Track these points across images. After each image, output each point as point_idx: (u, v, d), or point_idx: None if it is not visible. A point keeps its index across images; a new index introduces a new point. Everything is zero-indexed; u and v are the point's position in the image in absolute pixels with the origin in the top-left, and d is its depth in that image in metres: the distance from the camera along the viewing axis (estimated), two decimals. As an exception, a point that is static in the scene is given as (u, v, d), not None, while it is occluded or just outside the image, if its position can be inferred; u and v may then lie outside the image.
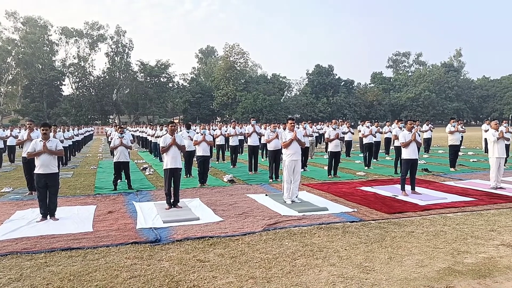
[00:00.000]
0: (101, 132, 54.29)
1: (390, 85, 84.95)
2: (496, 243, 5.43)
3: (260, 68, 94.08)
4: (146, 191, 9.87)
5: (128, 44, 69.51)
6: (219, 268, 4.60)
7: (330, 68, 75.37)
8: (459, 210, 7.40)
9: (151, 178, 12.20)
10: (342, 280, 4.21)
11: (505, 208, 7.52)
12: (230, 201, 8.48)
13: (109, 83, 67.77)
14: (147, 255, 5.08)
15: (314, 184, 10.60)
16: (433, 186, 10.07)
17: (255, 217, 6.96)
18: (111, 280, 4.29)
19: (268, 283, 4.15)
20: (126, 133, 10.87)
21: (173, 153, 7.95)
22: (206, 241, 5.62)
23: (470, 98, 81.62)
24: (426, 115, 72.03)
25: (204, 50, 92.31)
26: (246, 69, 75.88)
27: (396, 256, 4.96)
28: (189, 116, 67.79)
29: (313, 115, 67.64)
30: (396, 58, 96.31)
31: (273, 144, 11.16)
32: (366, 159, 14.18)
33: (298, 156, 8.39)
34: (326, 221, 6.68)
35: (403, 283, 4.14)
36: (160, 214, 7.20)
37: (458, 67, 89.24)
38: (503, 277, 4.27)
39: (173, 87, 71.86)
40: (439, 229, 6.12)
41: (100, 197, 9.22)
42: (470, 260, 4.78)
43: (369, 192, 9.36)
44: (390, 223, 6.57)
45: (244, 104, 65.17)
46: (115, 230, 6.27)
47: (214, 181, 11.25)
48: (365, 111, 73.52)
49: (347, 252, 5.13)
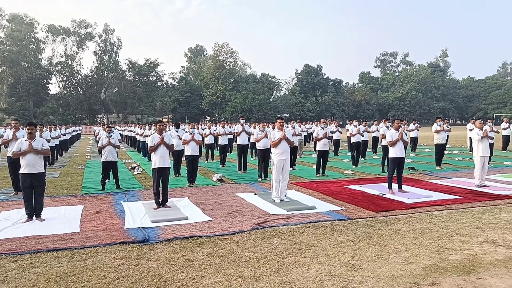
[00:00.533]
0: (89, 131, 53.68)
1: (378, 84, 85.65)
2: (480, 240, 5.54)
3: (249, 67, 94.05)
4: (135, 191, 9.81)
5: (116, 42, 68.89)
6: (208, 267, 4.61)
7: (318, 68, 75.65)
8: (445, 208, 7.52)
9: (140, 178, 12.13)
10: (330, 278, 4.25)
11: (489, 206, 7.66)
12: (219, 200, 8.48)
13: (97, 82, 67.03)
14: (135, 255, 5.05)
15: (303, 183, 10.66)
16: (419, 184, 10.21)
17: (244, 216, 6.97)
18: (98, 280, 4.26)
19: (257, 282, 4.17)
20: (114, 133, 10.79)
21: (161, 153, 7.92)
22: (195, 241, 5.62)
23: (456, 98, 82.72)
24: (413, 115, 72.79)
25: (193, 49, 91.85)
26: (236, 68, 75.73)
27: (383, 253, 5.02)
28: (178, 115, 67.45)
29: (302, 114, 67.85)
30: (384, 58, 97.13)
31: (262, 143, 11.19)
32: (354, 158, 14.29)
33: (287, 155, 8.43)
34: (314, 219, 6.72)
35: (389, 280, 4.19)
36: (149, 214, 7.16)
37: (444, 67, 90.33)
38: (487, 273, 4.35)
39: (162, 86, 71.42)
40: (425, 227, 6.21)
41: (88, 197, 9.14)
42: (455, 257, 4.86)
43: (356, 190, 9.44)
44: (377, 221, 6.64)
45: (234, 104, 65.08)
46: (103, 230, 6.22)
47: (203, 181, 11.23)
48: (353, 110, 74.01)
49: (335, 250, 5.18)
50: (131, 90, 66.19)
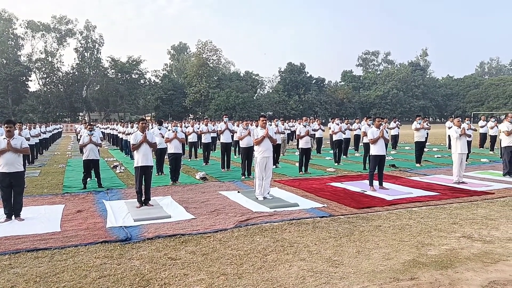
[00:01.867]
0: (70, 129, 52.71)
1: (360, 83, 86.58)
2: (458, 235, 5.68)
3: (233, 65, 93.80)
4: (117, 190, 9.71)
5: (98, 39, 67.82)
6: (190, 265, 4.61)
7: (302, 66, 76.00)
8: (424, 204, 7.68)
9: (122, 176, 12.01)
10: (312, 274, 4.31)
11: (466, 202, 7.85)
12: (202, 198, 8.47)
13: (79, 80, 65.89)
14: (117, 254, 5.02)
15: (286, 181, 10.73)
16: (399, 181, 10.39)
17: (227, 214, 6.99)
18: (79, 280, 4.22)
19: (239, 279, 4.19)
20: (95, 131, 10.65)
21: (144, 151, 7.86)
22: (178, 239, 5.61)
23: (435, 96, 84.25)
24: (394, 113, 73.83)
25: (176, 47, 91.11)
26: (219, 66, 75.48)
27: (364, 249, 5.11)
28: (161, 113, 66.86)
29: (286, 112, 68.11)
30: (366, 57, 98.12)
31: (246, 141, 11.21)
32: (336, 155, 14.44)
33: (270, 153, 8.48)
34: (297, 216, 6.78)
35: (370, 275, 4.27)
36: (131, 213, 7.11)
37: (424, 66, 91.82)
38: (463, 267, 4.48)
39: (144, 83, 70.61)
40: (405, 223, 6.33)
41: (69, 196, 9.01)
42: (434, 252, 4.98)
43: (338, 187, 9.55)
44: (359, 217, 6.74)
45: (217, 101, 64.86)
46: (84, 229, 6.15)
47: (186, 179, 11.19)
48: (336, 108, 74.62)
49: (317, 246, 5.24)
50: (113, 87, 65.26)
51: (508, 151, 10.88)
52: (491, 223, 6.29)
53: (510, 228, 6.00)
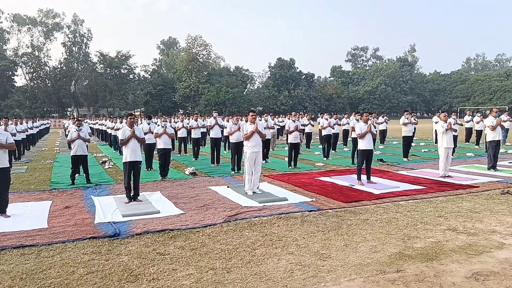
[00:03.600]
0: (58, 125, 52.14)
1: (349, 78, 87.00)
2: (443, 228, 5.78)
3: (223, 60, 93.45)
4: (106, 185, 9.66)
5: (86, 34, 67.04)
6: (179, 260, 4.62)
7: (291, 62, 76.02)
8: (411, 198, 7.79)
9: (111, 172, 11.94)
10: (300, 268, 4.35)
11: (452, 195, 7.98)
12: (192, 193, 8.47)
13: (67, 74, 64.98)
14: (105, 249, 5.00)
15: (275, 175, 10.77)
16: (387, 175, 10.51)
17: (216, 209, 7.00)
18: (66, 277, 4.20)
19: (228, 274, 4.21)
20: (84, 126, 10.55)
21: (132, 146, 7.82)
22: (167, 234, 5.61)
23: (423, 92, 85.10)
24: (382, 108, 74.40)
25: (166, 42, 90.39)
26: (209, 61, 75.10)
27: (352, 243, 5.17)
28: (151, 109, 66.40)
29: (275, 107, 68.15)
30: (355, 53, 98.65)
31: (235, 137, 11.21)
32: (324, 150, 14.53)
33: (259, 148, 8.50)
34: (285, 211, 6.83)
35: (357, 268, 4.33)
36: (120, 208, 7.09)
37: (412, 61, 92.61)
38: (448, 259, 4.56)
39: (134, 78, 69.95)
40: (392, 216, 6.42)
41: (57, 192, 8.93)
42: (419, 245, 5.06)
43: (327, 182, 9.63)
44: (347, 211, 6.81)
45: (207, 97, 64.62)
46: (72, 225, 6.12)
47: (175, 174, 11.16)
48: (325, 104, 74.90)
49: (305, 240, 5.29)
50: (102, 82, 64.53)
51: (493, 146, 11.06)
52: (476, 216, 6.41)
53: (494, 220, 6.12)
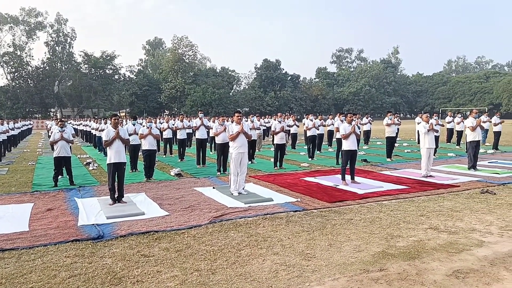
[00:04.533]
0: (41, 126, 51.24)
1: (334, 80, 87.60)
2: (425, 227, 5.88)
3: (209, 61, 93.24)
4: (89, 187, 9.54)
5: (70, 33, 65.99)
6: (164, 262, 4.60)
7: (277, 63, 76.16)
8: (394, 197, 7.90)
9: (95, 173, 11.80)
10: (285, 268, 4.38)
11: (433, 195, 8.13)
12: (177, 195, 8.43)
13: (50, 75, 63.88)
14: (88, 252, 4.95)
15: (261, 176, 10.80)
16: (371, 175, 10.64)
17: (201, 210, 6.99)
18: (48, 280, 4.13)
19: (213, 275, 4.21)
20: (67, 127, 10.42)
21: (116, 147, 7.76)
22: (151, 236, 5.58)
23: (406, 93, 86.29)
24: (366, 109, 75.15)
25: (151, 42, 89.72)
26: (195, 61, 74.71)
27: (336, 242, 5.22)
28: (136, 109, 65.77)
29: (262, 108, 68.19)
30: (340, 54, 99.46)
31: (221, 137, 11.19)
32: (310, 151, 14.63)
33: (244, 149, 8.51)
34: (271, 211, 6.86)
35: (341, 268, 4.38)
36: (104, 210, 7.01)
37: (395, 63, 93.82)
38: (430, 257, 4.65)
39: (119, 79, 69.20)
40: (375, 216, 6.51)
41: (39, 194, 8.79)
42: (402, 244, 5.14)
43: (312, 182, 9.70)
44: (331, 211, 6.88)
45: (193, 97, 64.29)
46: (54, 228, 6.03)
47: (160, 175, 11.09)
48: (311, 105, 75.25)
49: (290, 240, 5.32)
50: (87, 83, 63.69)
51: (473, 146, 11.29)
52: (456, 214, 6.54)
53: (474, 219, 6.26)
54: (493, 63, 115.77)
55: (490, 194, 7.97)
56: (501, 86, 72.76)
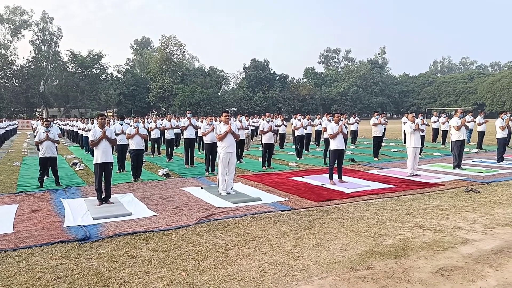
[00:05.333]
0: (26, 126, 50.45)
1: (322, 80, 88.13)
2: (411, 225, 5.96)
3: (197, 60, 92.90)
4: (76, 187, 9.44)
5: (56, 32, 65.21)
6: (151, 263, 4.58)
7: (266, 63, 76.26)
8: (380, 196, 7.98)
9: (82, 174, 11.67)
10: (273, 267, 4.39)
11: (419, 193, 8.23)
12: (165, 195, 8.39)
13: (36, 74, 62.96)
14: (74, 254, 4.89)
15: (249, 176, 10.80)
16: (358, 174, 10.73)
17: (189, 210, 6.97)
18: (32, 283, 4.07)
19: (201, 275, 4.20)
20: (53, 127, 10.28)
21: (103, 147, 7.69)
22: (139, 237, 5.54)
23: (392, 93, 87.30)
24: (354, 109, 75.75)
25: (139, 41, 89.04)
26: (183, 61, 74.39)
27: (323, 241, 5.26)
28: (124, 109, 65.24)
29: (250, 108, 68.22)
30: (327, 54, 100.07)
31: (210, 137, 11.17)
32: (298, 150, 14.69)
33: (233, 149, 8.51)
34: (259, 211, 6.87)
35: (328, 266, 4.41)
36: (90, 211, 6.94)
37: (382, 64, 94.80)
38: (416, 255, 4.71)
39: (106, 78, 68.63)
40: (362, 215, 6.56)
41: (23, 195, 8.65)
42: (389, 242, 5.20)
43: (300, 182, 9.74)
44: (319, 210, 6.92)
45: (181, 97, 63.99)
46: (40, 229, 5.94)
47: (148, 176, 11.02)
48: (299, 105, 75.50)
49: (278, 240, 5.34)
50: (73, 82, 62.97)
51: (458, 145, 11.46)
52: (442, 213, 6.64)
53: (458, 217, 6.36)
54: (477, 64, 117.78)
55: (475, 193, 8.10)
56: (485, 87, 74.05)
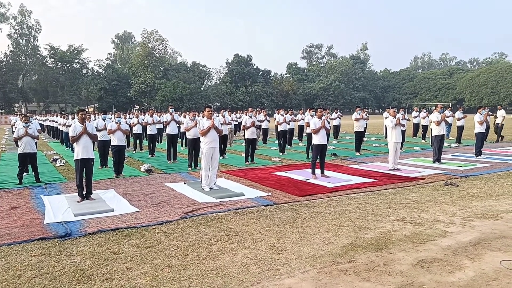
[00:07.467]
0: (4, 121, 49.20)
1: (304, 75, 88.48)
2: (392, 218, 6.06)
3: (179, 55, 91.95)
4: (56, 184, 9.28)
5: (35, 26, 63.67)
6: (134, 259, 4.54)
7: (248, 58, 76.12)
8: (362, 190, 8.08)
9: (62, 170, 11.47)
10: (256, 262, 4.41)
11: (400, 187, 8.38)
12: (147, 191, 8.32)
13: (13, 68, 61.48)
14: (55, 251, 4.82)
15: (232, 171, 10.80)
16: (340, 169, 10.84)
17: (172, 206, 6.94)
18: (12, 281, 4.00)
19: (184, 270, 4.20)
20: (32, 122, 10.07)
21: (84, 143, 7.58)
22: (121, 233, 5.49)
23: (374, 89, 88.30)
24: (336, 104, 76.39)
25: (120, 36, 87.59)
26: (165, 56, 73.62)
27: (306, 235, 5.31)
28: (105, 104, 64.21)
29: (233, 103, 68.07)
30: (310, 50, 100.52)
31: (192, 133, 11.10)
32: (281, 145, 14.76)
33: (216, 144, 8.49)
34: (242, 206, 6.88)
35: (311, 260, 4.46)
36: (72, 207, 6.84)
37: (364, 59, 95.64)
38: (396, 248, 4.80)
39: (87, 73, 67.47)
40: (344, 209, 6.65)
41: (2, 192, 8.46)
42: (370, 235, 5.28)
43: (283, 176, 9.79)
44: (301, 205, 6.97)
45: (164, 92, 63.34)
46: (19, 227, 5.83)
47: (130, 171, 10.91)
48: (282, 100, 75.71)
49: (261, 234, 5.36)
50: (53, 77, 61.70)
51: (437, 140, 11.69)
52: (422, 206, 6.78)
53: (438, 210, 6.50)
54: (456, 60, 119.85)
55: (454, 186, 8.28)
56: (464, 82, 75.60)
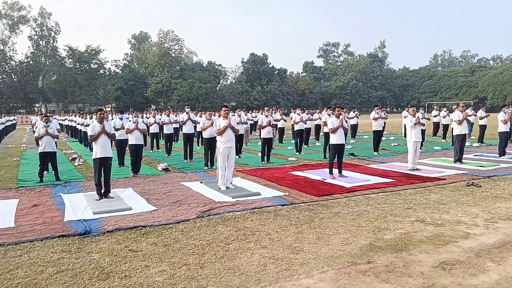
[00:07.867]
0: (26, 121, 50.38)
1: (321, 74, 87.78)
2: (412, 219, 5.95)
3: (195, 55, 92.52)
4: (75, 182, 9.43)
5: (54, 27, 64.79)
6: (152, 257, 4.57)
7: (264, 57, 75.90)
8: (381, 190, 7.97)
9: (81, 169, 11.66)
10: (273, 261, 4.38)
11: (420, 188, 8.22)
12: (164, 189, 8.38)
13: (34, 69, 62.76)
14: (75, 248, 4.89)
15: (248, 170, 10.79)
16: (358, 169, 10.71)
17: (189, 205, 6.96)
18: (35, 276, 4.07)
19: (201, 269, 4.20)
20: (52, 122, 10.26)
21: (102, 142, 7.67)
22: (139, 231, 5.54)
23: (392, 87, 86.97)
24: (353, 103, 75.55)
25: (137, 36, 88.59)
26: (181, 56, 74.11)
27: (324, 236, 5.25)
28: (122, 104, 65.07)
29: (248, 103, 68.00)
30: (327, 48, 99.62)
31: (209, 132, 11.15)
32: (297, 145, 14.67)
33: (232, 143, 8.50)
34: (259, 205, 6.86)
35: (329, 260, 4.41)
36: (90, 206, 6.94)
37: (382, 57, 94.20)
38: (417, 249, 4.70)
39: (104, 74, 68.45)
40: (363, 209, 6.56)
41: (24, 190, 8.64)
42: (389, 236, 5.19)
43: (299, 176, 9.72)
44: (319, 205, 6.91)
45: (180, 92, 63.80)
46: (40, 224, 5.94)
47: (148, 170, 11.01)
48: (298, 99, 75.29)
49: (278, 234, 5.33)
50: (72, 78, 62.83)
51: (459, 139, 11.44)
52: (442, 207, 6.63)
53: (459, 211, 6.36)
54: (478, 57, 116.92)
55: (476, 187, 8.09)
56: (486, 80, 73.60)
